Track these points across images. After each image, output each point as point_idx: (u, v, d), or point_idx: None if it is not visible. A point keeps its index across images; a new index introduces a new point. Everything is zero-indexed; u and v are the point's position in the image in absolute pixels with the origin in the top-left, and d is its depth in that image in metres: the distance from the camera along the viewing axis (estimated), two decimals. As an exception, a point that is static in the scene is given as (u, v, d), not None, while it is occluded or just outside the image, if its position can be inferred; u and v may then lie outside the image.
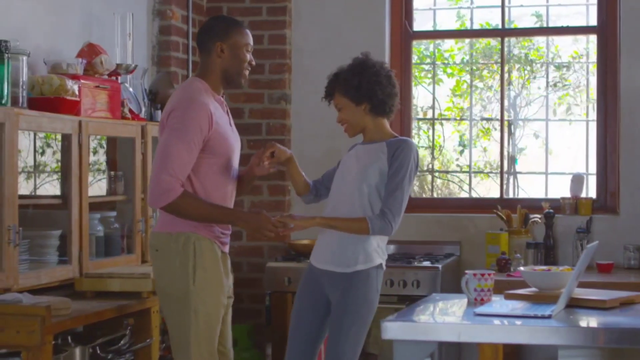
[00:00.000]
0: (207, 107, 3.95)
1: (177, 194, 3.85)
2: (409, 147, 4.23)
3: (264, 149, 4.23)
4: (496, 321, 3.30)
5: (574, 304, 3.55)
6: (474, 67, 7.29)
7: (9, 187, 4.05)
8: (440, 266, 5.60)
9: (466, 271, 3.76)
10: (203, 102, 3.95)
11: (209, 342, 3.98)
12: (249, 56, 4.13)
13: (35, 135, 4.68)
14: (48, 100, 4.46)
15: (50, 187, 4.76)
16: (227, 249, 4.14)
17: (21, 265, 4.20)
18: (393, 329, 3.24)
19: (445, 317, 3.47)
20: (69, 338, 4.37)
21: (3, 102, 4.12)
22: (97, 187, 5.14)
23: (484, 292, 3.66)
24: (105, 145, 5.21)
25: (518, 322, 3.30)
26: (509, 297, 3.71)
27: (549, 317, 3.28)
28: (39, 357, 3.72)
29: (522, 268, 3.85)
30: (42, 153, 4.84)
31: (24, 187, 4.79)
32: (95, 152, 5.20)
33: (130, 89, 5.30)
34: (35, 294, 4.10)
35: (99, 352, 4.51)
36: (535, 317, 3.30)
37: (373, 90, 4.24)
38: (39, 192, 4.80)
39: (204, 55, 4.11)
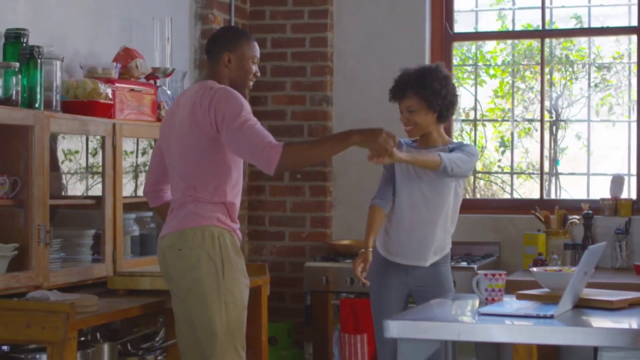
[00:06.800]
0: None
1: (281, 146, 3.83)
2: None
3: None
4: (498, 321, 3.33)
5: (583, 305, 3.56)
6: (516, 69, 7.29)
7: (39, 187, 4.16)
8: (475, 267, 5.60)
9: (477, 271, 3.80)
10: None
11: (240, 334, 4.06)
12: (254, 68, 4.24)
13: (87, 138, 4.79)
14: (82, 104, 4.56)
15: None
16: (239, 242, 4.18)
17: (53, 264, 4.30)
18: (395, 328, 3.29)
19: (450, 316, 3.51)
20: (98, 334, 4.49)
21: (36, 105, 4.24)
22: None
23: (494, 292, 3.69)
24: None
25: (520, 321, 3.32)
26: (521, 297, 3.74)
27: (551, 317, 3.31)
28: (63, 353, 3.79)
29: (534, 268, 3.87)
30: (95, 155, 4.96)
31: (77, 188, 4.93)
32: (144, 154, 5.32)
33: (169, 92, 5.40)
34: (67, 292, 4.19)
35: (129, 348, 4.63)
36: (538, 317, 3.33)
37: (452, 103, 4.61)
38: (91, 192, 4.92)
39: (213, 63, 4.22)
